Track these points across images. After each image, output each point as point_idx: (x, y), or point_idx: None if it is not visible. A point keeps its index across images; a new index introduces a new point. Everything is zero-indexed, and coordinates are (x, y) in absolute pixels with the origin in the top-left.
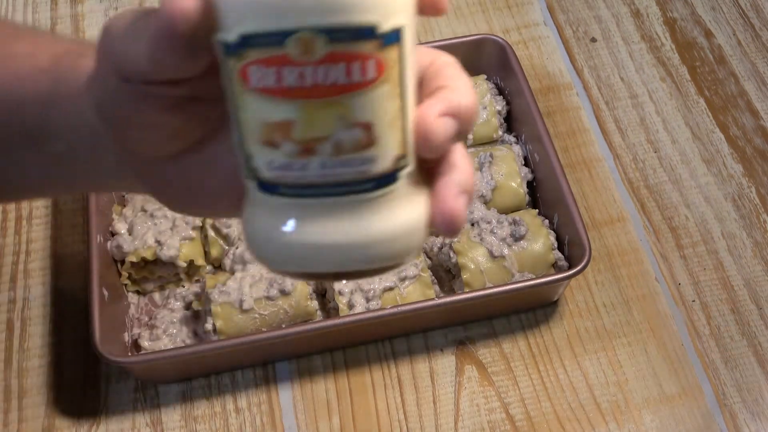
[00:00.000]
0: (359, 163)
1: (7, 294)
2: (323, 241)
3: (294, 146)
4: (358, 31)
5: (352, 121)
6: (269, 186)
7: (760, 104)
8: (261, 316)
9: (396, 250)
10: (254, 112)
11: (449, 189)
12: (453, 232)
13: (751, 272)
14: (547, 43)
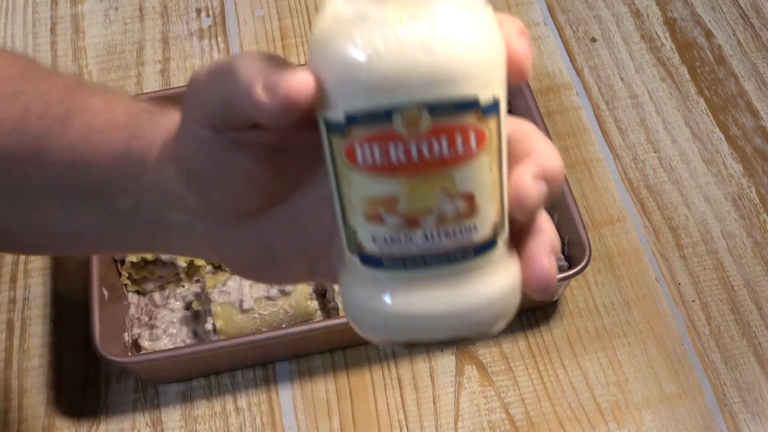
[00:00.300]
0: (461, 233)
1: (7, 294)
2: (426, 311)
3: (399, 220)
4: (461, 104)
5: (455, 192)
6: (373, 260)
7: (760, 104)
8: (261, 316)
9: (496, 314)
10: (360, 189)
11: (541, 251)
12: (547, 292)
13: (751, 272)
14: (547, 43)
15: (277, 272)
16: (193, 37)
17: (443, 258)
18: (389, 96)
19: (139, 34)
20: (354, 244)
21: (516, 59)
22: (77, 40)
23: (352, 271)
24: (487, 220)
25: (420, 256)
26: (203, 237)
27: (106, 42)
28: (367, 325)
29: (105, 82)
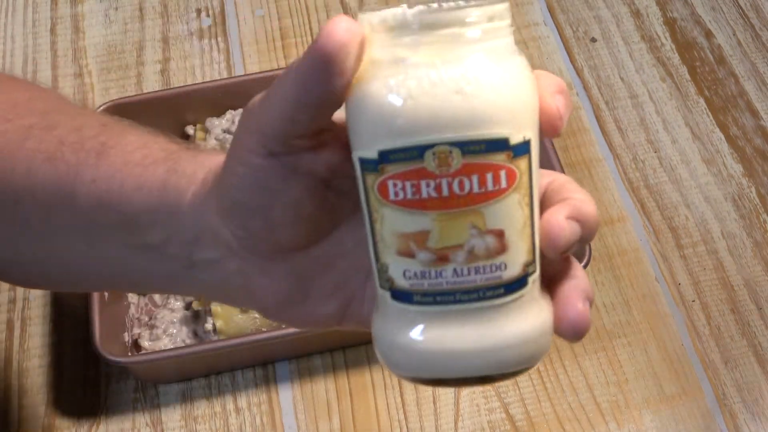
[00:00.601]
0: (491, 270)
1: (7, 294)
2: (455, 348)
3: (429, 255)
4: (492, 144)
5: (485, 229)
6: (403, 295)
7: (760, 104)
8: (261, 316)
9: (526, 354)
10: (392, 224)
11: (575, 295)
12: (578, 336)
13: (751, 272)
14: (547, 43)
15: (308, 311)
16: (193, 37)
17: (473, 294)
18: (421, 135)
19: (139, 34)
20: (385, 279)
21: (548, 114)
22: (77, 40)
23: (383, 307)
24: (518, 258)
25: (450, 292)
26: (234, 275)
27: (106, 42)
28: (396, 361)
29: (105, 82)
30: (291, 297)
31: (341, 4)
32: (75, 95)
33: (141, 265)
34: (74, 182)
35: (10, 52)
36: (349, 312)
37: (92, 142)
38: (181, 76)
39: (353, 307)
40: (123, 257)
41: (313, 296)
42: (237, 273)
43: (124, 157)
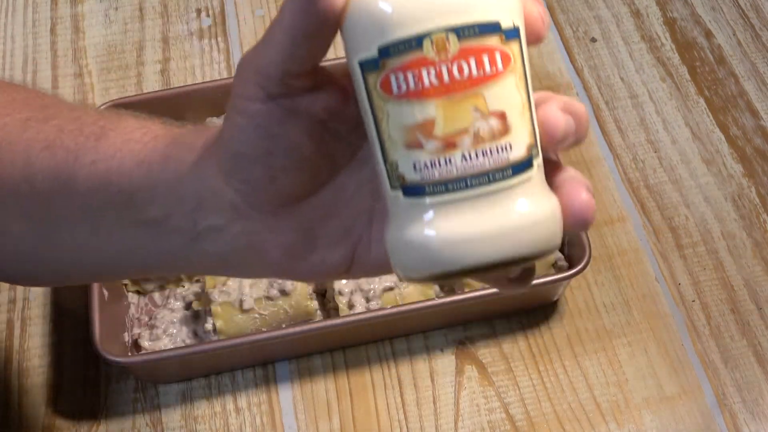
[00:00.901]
0: (498, 151)
1: (7, 294)
2: (472, 233)
3: (437, 143)
4: (485, 27)
5: (487, 111)
6: (416, 188)
7: (760, 104)
8: (261, 316)
9: (540, 237)
10: (398, 118)
11: (577, 186)
12: (586, 224)
13: (751, 272)
14: (547, 43)
15: (317, 261)
16: (193, 37)
17: (483, 177)
18: (418, 24)
19: (139, 34)
20: (396, 177)
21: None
22: (77, 40)
23: (396, 210)
24: (521, 140)
25: (461, 178)
26: (240, 236)
27: (106, 42)
28: (414, 262)
29: (105, 82)
30: (298, 249)
31: None
32: (75, 95)
33: (145, 243)
34: (74, 166)
35: (10, 52)
36: (357, 258)
37: (91, 127)
38: (181, 76)
39: (360, 252)
40: (126, 238)
41: (319, 246)
42: (242, 234)
43: (124, 136)
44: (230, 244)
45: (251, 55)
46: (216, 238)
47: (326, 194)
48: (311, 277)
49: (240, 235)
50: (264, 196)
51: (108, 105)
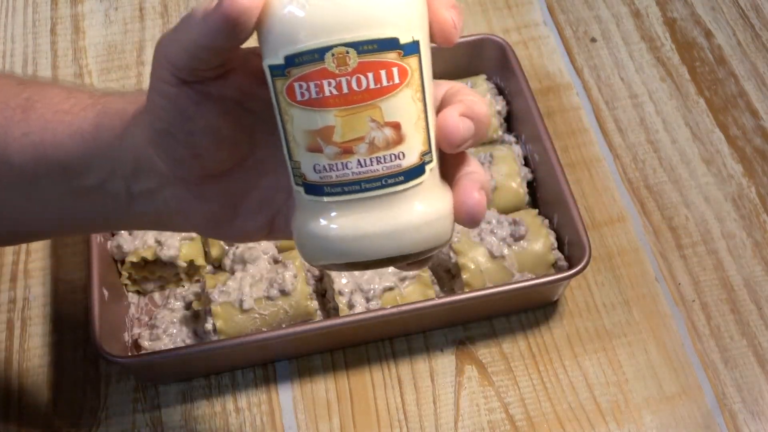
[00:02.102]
0: (391, 159)
1: (7, 294)
2: (364, 232)
3: (335, 149)
4: (383, 43)
5: (383, 121)
6: (315, 188)
7: (760, 104)
8: (261, 316)
9: (428, 236)
10: (301, 123)
11: (471, 185)
12: (475, 222)
13: (751, 272)
14: (547, 43)
15: (238, 226)
16: None
17: (376, 182)
18: (320, 38)
19: (139, 34)
20: (299, 175)
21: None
22: (77, 40)
23: (299, 203)
24: (414, 148)
25: (356, 182)
26: (170, 200)
27: (106, 42)
28: (313, 250)
29: (105, 82)
30: (222, 216)
31: None
32: None
33: (82, 208)
34: (5, 140)
35: (10, 52)
36: (275, 226)
37: (16, 99)
38: None
39: (278, 221)
40: (63, 205)
41: (241, 214)
42: (172, 199)
43: (53, 107)
44: (161, 207)
45: (166, 41)
46: (149, 201)
47: (248, 168)
48: (234, 239)
49: (170, 200)
50: (189, 170)
51: None
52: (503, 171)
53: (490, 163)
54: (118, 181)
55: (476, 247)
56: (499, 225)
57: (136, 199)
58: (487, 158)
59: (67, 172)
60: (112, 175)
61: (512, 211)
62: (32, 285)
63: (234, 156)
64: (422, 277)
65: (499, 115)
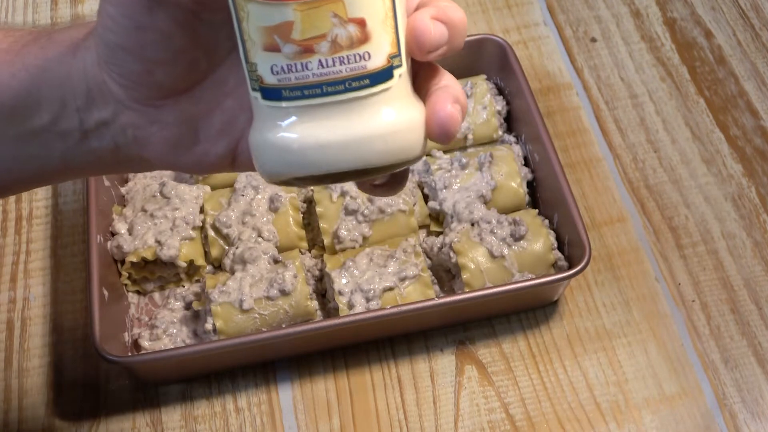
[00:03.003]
0: (356, 60)
1: (7, 294)
2: (326, 140)
3: (294, 47)
4: None
5: (346, 17)
6: (273, 91)
7: (760, 104)
8: (261, 316)
9: (394, 147)
10: (257, 19)
11: (444, 96)
12: (448, 136)
13: (751, 272)
14: (547, 43)
15: (200, 152)
16: None
17: (339, 85)
18: None
19: None
20: (255, 78)
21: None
22: None
23: (257, 112)
24: (381, 49)
25: (317, 84)
26: (126, 129)
27: None
28: (271, 163)
29: None
30: (182, 141)
31: None
32: None
33: (33, 153)
34: None
35: None
36: (239, 152)
37: None
38: None
39: (242, 146)
40: (13, 152)
41: (202, 138)
42: (129, 126)
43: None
44: (117, 138)
45: None
46: (103, 133)
47: (208, 88)
48: (197, 168)
49: (126, 128)
50: (144, 90)
51: None
52: (503, 171)
53: (490, 163)
54: (71, 115)
55: (476, 247)
56: (499, 225)
57: (90, 134)
58: (487, 158)
59: (15, 115)
60: (64, 109)
61: (512, 211)
62: (32, 285)
63: (191, 73)
64: (422, 278)
65: (499, 115)
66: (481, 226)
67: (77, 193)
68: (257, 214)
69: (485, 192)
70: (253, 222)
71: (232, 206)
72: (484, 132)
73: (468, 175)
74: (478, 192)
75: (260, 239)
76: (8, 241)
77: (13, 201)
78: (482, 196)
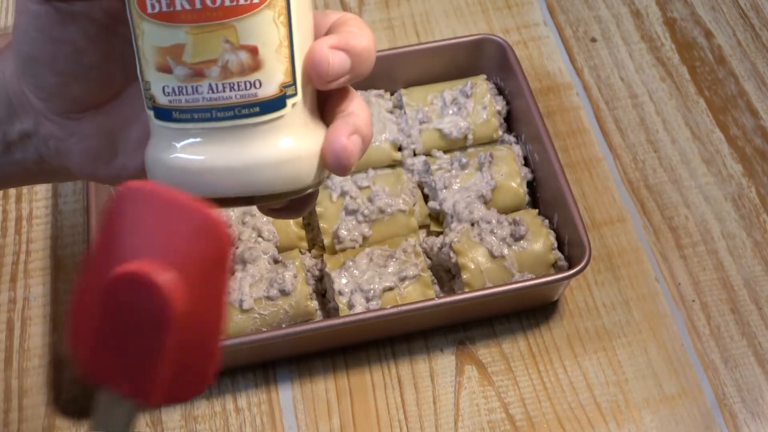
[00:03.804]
0: (246, 87)
1: (7, 294)
2: (212, 165)
3: (185, 70)
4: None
5: (238, 44)
6: (164, 112)
7: (760, 104)
8: (261, 316)
9: (283, 175)
10: (151, 39)
11: (343, 127)
12: (342, 168)
13: (751, 272)
14: (547, 43)
15: (119, 166)
16: None
17: (229, 111)
18: None
19: None
20: (149, 97)
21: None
22: None
23: (152, 130)
24: (274, 78)
25: (206, 108)
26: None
27: None
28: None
29: None
30: (101, 154)
31: (341, 4)
32: None
33: None
34: None
35: None
36: None
37: None
38: None
39: None
40: None
41: (120, 152)
42: (49, 138)
43: None
44: (41, 149)
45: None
46: (26, 145)
47: (124, 101)
48: (117, 181)
49: (48, 140)
50: (60, 102)
51: None
52: (503, 171)
53: (490, 163)
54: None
55: (476, 247)
56: (499, 225)
57: (14, 146)
58: (487, 158)
59: None
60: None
61: (512, 211)
62: (32, 285)
63: (107, 87)
64: (422, 278)
65: (499, 115)
66: (481, 226)
67: (77, 193)
68: (257, 214)
69: (485, 192)
70: (253, 222)
71: None
72: (484, 132)
73: (468, 175)
74: (478, 192)
75: (260, 239)
76: (8, 241)
77: (13, 201)
78: (482, 196)
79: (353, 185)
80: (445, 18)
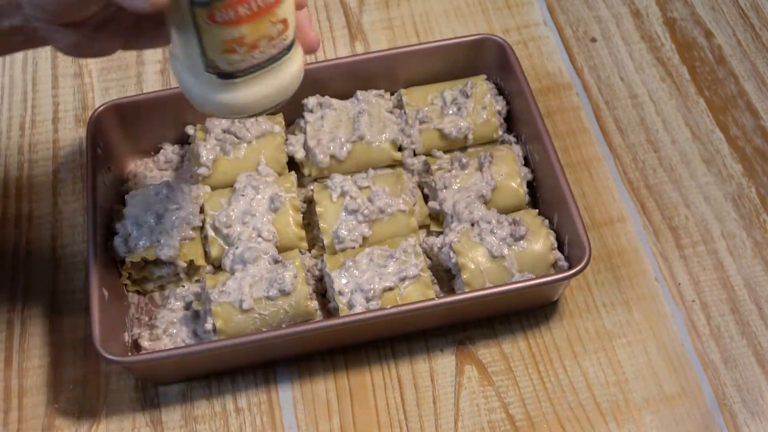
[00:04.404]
0: (281, 42)
1: (7, 294)
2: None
3: (246, 48)
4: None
5: (276, 20)
6: (228, 74)
7: (760, 104)
8: (261, 316)
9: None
10: (219, 36)
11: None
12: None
13: (751, 272)
14: (547, 43)
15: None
16: None
17: (273, 59)
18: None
19: None
20: (212, 67)
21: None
22: None
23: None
24: (292, 30)
25: (260, 63)
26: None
27: None
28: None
29: (105, 82)
30: (82, 45)
31: (341, 5)
32: (75, 95)
33: None
34: None
35: None
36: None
37: None
38: None
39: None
40: None
41: (97, 41)
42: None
43: None
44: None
45: None
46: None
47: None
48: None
49: (36, 31)
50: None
51: (108, 105)
52: (503, 171)
53: (490, 163)
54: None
55: (476, 247)
56: (499, 225)
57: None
58: (487, 158)
59: None
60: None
61: (512, 211)
62: (32, 285)
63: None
64: (422, 278)
65: (499, 115)
66: (481, 226)
67: (77, 193)
68: (257, 214)
69: (485, 192)
70: (253, 222)
71: (232, 206)
72: (484, 132)
73: (468, 175)
74: (478, 192)
75: (260, 239)
76: (8, 240)
77: (13, 201)
78: (482, 196)
79: (353, 185)
80: (445, 18)
